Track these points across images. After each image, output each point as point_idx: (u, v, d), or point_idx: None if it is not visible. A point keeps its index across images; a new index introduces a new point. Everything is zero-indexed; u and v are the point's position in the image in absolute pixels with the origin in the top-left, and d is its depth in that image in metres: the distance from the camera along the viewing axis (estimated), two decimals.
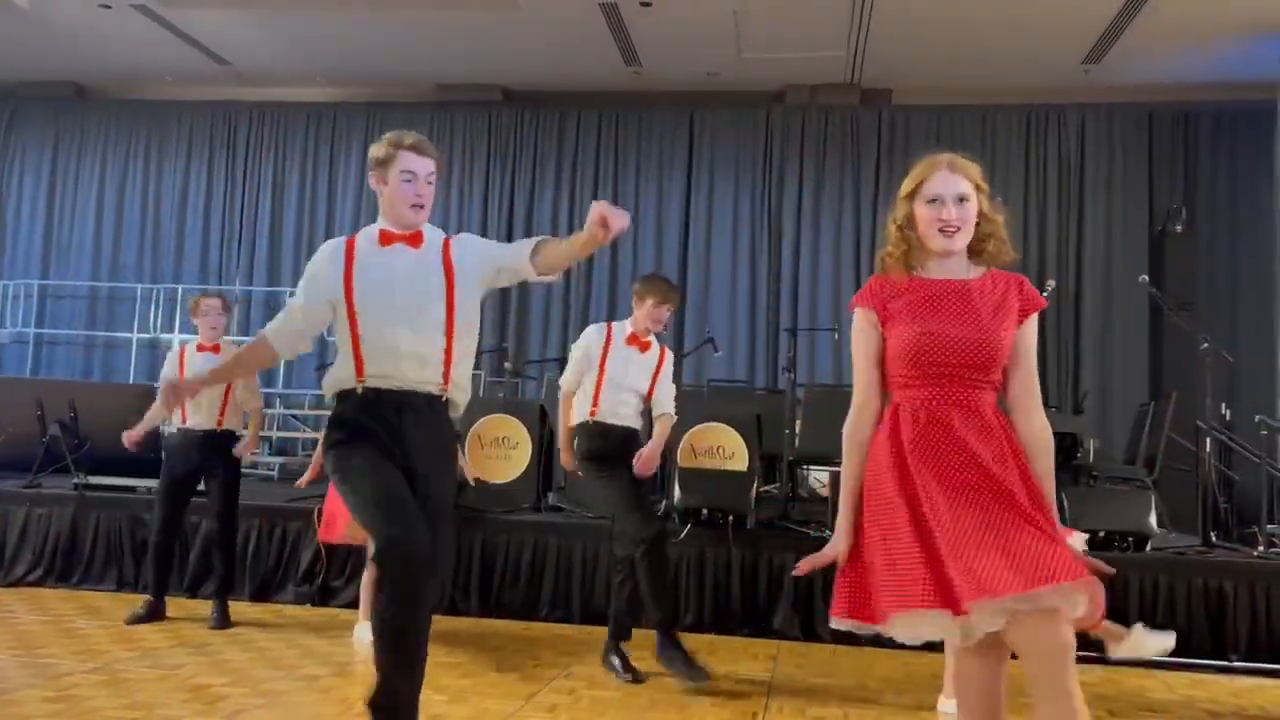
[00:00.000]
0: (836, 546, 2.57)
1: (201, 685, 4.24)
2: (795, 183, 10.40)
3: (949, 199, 2.46)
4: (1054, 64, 9.44)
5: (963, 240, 2.49)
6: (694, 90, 10.51)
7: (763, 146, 10.50)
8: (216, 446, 5.49)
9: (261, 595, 6.14)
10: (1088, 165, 9.97)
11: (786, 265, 10.29)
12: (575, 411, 4.84)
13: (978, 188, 2.50)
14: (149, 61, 10.65)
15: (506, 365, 8.98)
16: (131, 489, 6.59)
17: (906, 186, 2.55)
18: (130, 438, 5.42)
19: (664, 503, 6.35)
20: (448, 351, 3.02)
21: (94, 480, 6.60)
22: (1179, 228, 9.18)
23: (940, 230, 2.46)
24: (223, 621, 5.40)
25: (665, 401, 4.90)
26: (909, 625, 2.37)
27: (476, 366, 10.93)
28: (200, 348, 5.64)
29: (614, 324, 4.90)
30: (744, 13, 8.66)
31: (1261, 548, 5.91)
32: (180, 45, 10.08)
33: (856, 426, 2.57)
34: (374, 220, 3.19)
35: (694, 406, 7.15)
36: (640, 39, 9.38)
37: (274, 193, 11.20)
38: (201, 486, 5.60)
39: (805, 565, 2.62)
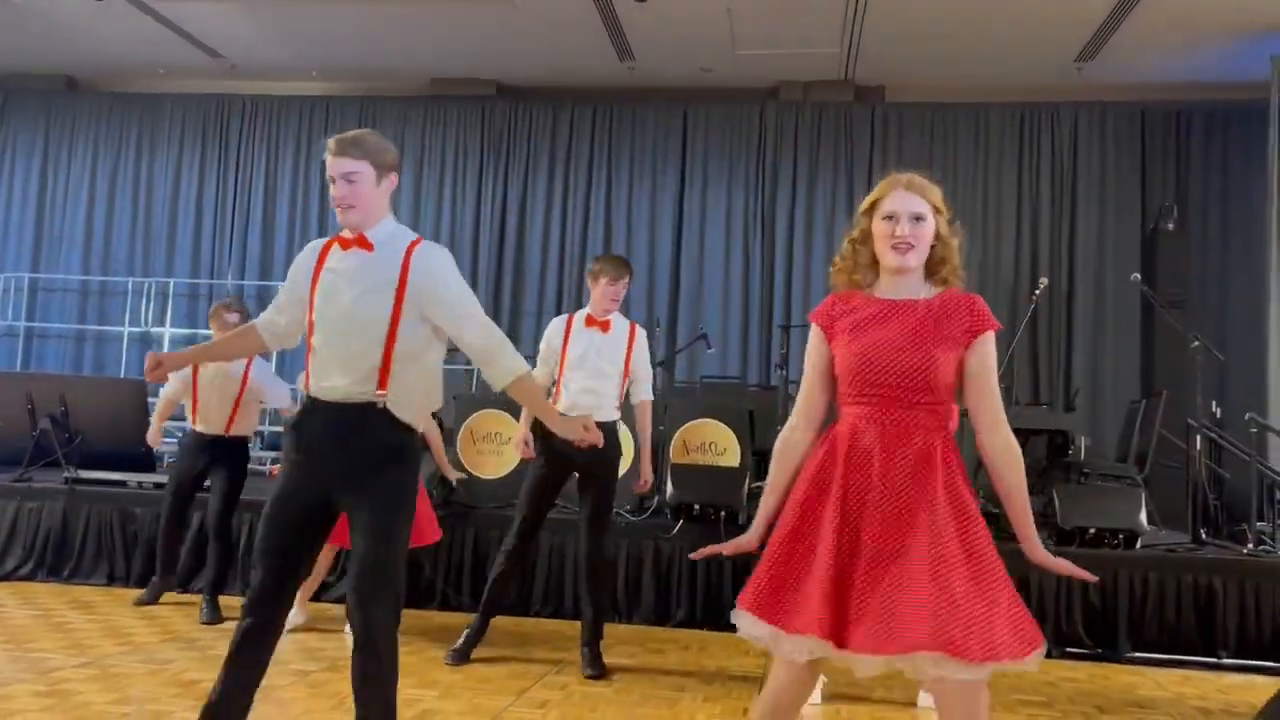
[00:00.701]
0: (741, 543, 2.62)
1: (192, 680, 4.23)
2: (789, 179, 10.40)
3: (904, 216, 2.47)
4: (1047, 62, 9.45)
5: (915, 259, 2.49)
6: (688, 86, 10.50)
7: (756, 143, 10.50)
8: (223, 450, 5.62)
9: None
10: (1080, 163, 9.99)
11: (779, 261, 10.30)
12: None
13: (936, 209, 2.52)
14: (141, 54, 10.61)
15: None
16: (122, 483, 6.57)
17: (865, 203, 2.58)
18: (151, 438, 5.85)
19: (656, 498, 6.36)
20: (386, 360, 2.88)
21: (84, 474, 6.59)
22: (1171, 226, 9.20)
23: (893, 247, 2.47)
24: (213, 616, 5.41)
25: (642, 381, 4.87)
26: (794, 644, 2.36)
27: (469, 362, 10.86)
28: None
29: (574, 313, 4.90)
30: (738, 9, 8.66)
31: (1251, 545, 5.93)
32: (173, 38, 10.04)
33: (784, 438, 2.61)
34: None
35: (687, 402, 7.16)
36: (634, 34, 9.38)
37: (266, 187, 11.17)
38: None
39: (705, 551, 2.67)
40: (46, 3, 9.33)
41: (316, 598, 6.03)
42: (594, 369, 4.72)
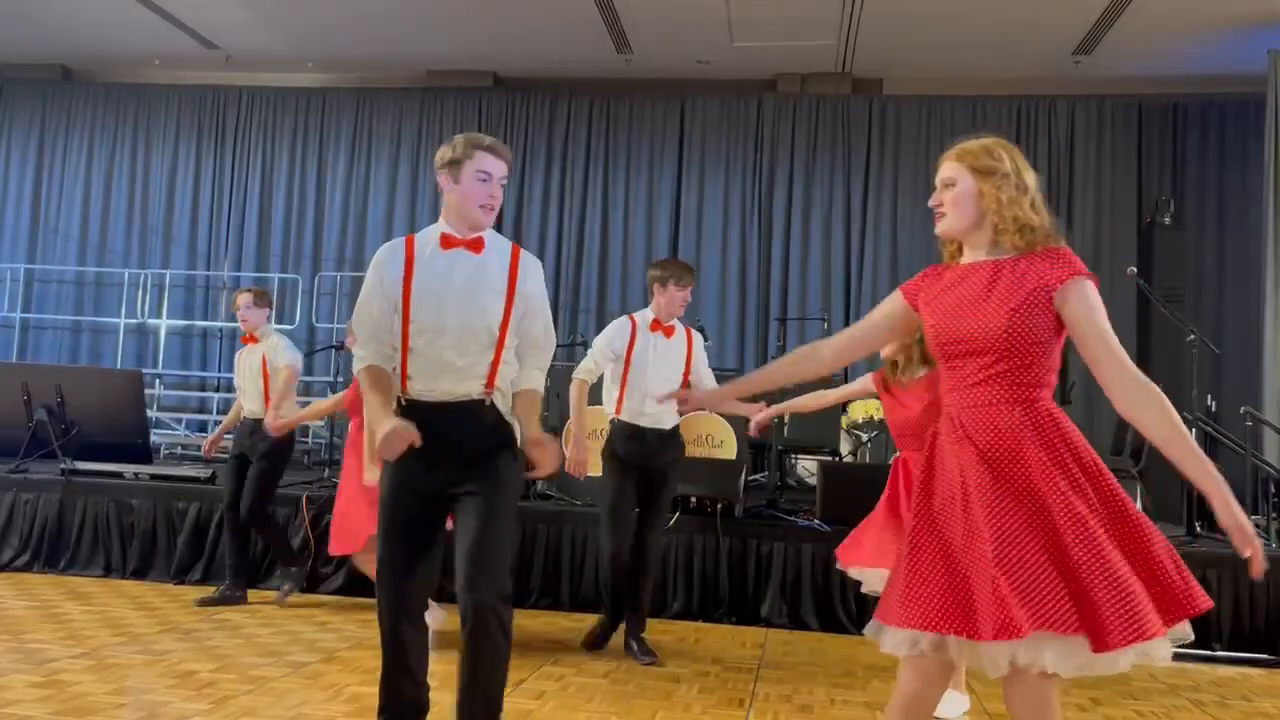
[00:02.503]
0: (701, 399, 2.89)
1: (189, 671, 4.24)
2: (786, 171, 10.40)
3: (939, 185, 2.44)
4: (1044, 55, 9.45)
5: (949, 224, 2.41)
6: (685, 78, 10.49)
7: (753, 135, 10.49)
8: (260, 435, 5.62)
9: (250, 582, 6.14)
10: (1077, 156, 9.99)
11: (777, 254, 10.30)
12: (603, 408, 4.80)
13: (980, 171, 2.37)
14: (138, 45, 10.58)
15: None
16: (118, 475, 6.58)
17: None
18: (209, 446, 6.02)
19: None
20: (494, 364, 2.95)
21: (81, 465, 6.59)
22: (1167, 220, 9.20)
23: (935, 216, 2.43)
24: (235, 594, 5.64)
25: (706, 381, 4.83)
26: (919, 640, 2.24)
27: None
28: (244, 340, 5.93)
29: (635, 315, 4.77)
30: (736, 1, 8.65)
31: None
32: (169, 29, 10.01)
33: (808, 346, 2.66)
34: (362, 207, 3.18)
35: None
36: (632, 26, 9.36)
37: (263, 178, 11.15)
38: None
39: (672, 394, 2.89)
40: None
41: (313, 589, 6.05)
42: (656, 376, 4.63)
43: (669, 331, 4.72)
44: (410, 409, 2.94)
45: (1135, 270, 7.52)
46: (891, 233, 10.07)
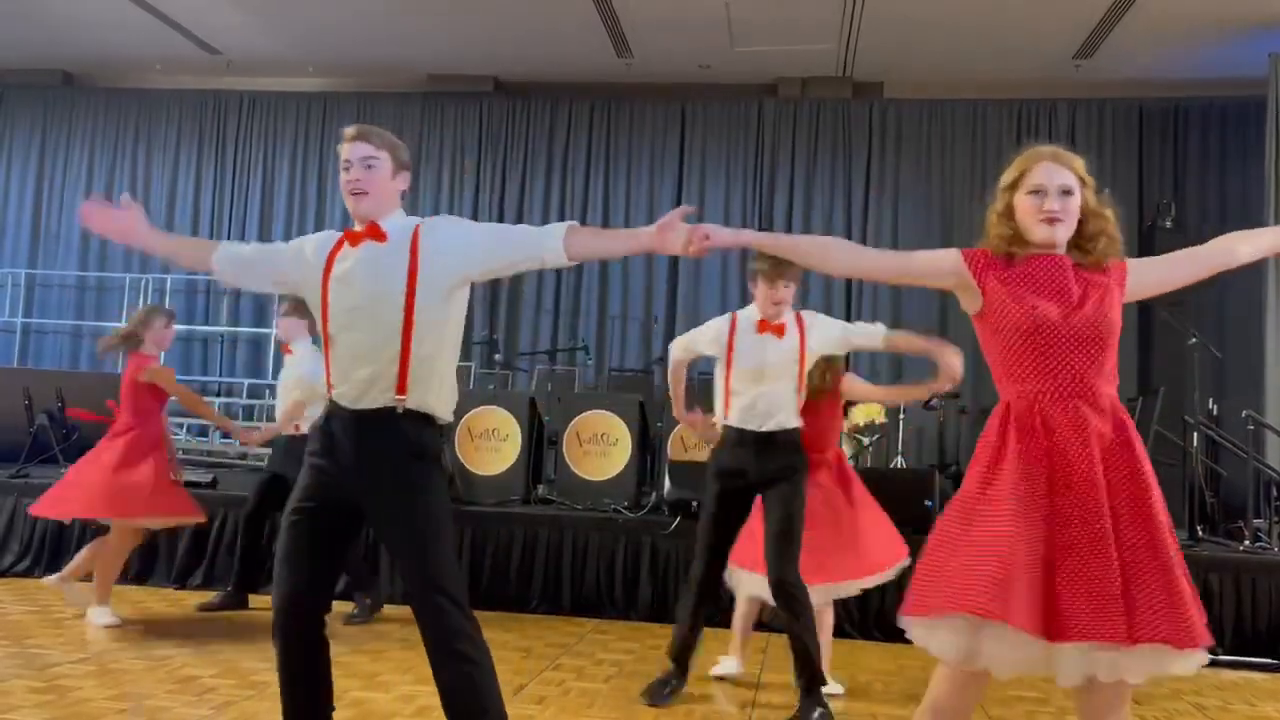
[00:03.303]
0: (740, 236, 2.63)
1: (190, 676, 4.23)
2: (787, 176, 10.40)
3: (1052, 190, 2.37)
4: (1045, 59, 9.46)
5: (1064, 232, 2.39)
6: (686, 82, 10.49)
7: (754, 139, 10.49)
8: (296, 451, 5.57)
9: (252, 588, 6.13)
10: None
11: None
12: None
13: (1082, 181, 2.41)
14: (138, 50, 10.59)
15: (497, 357, 8.97)
16: None
17: (1008, 177, 2.46)
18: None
19: (654, 495, 6.36)
20: (404, 359, 2.71)
21: None
22: (1168, 223, 9.20)
23: (1044, 220, 2.37)
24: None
25: (851, 337, 4.18)
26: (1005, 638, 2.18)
27: (467, 358, 10.84)
28: (282, 350, 5.89)
29: (738, 312, 4.28)
30: (736, 5, 8.65)
31: (1248, 542, 5.95)
32: (170, 34, 10.02)
33: (855, 244, 2.73)
34: None
35: (685, 399, 7.16)
36: (632, 30, 9.37)
37: (264, 183, 11.16)
38: None
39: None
40: None
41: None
42: (765, 376, 4.09)
43: (779, 330, 4.11)
44: (329, 412, 2.81)
45: None
46: (892, 236, 10.06)
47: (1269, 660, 5.42)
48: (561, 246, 2.70)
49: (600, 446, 6.63)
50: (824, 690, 4.01)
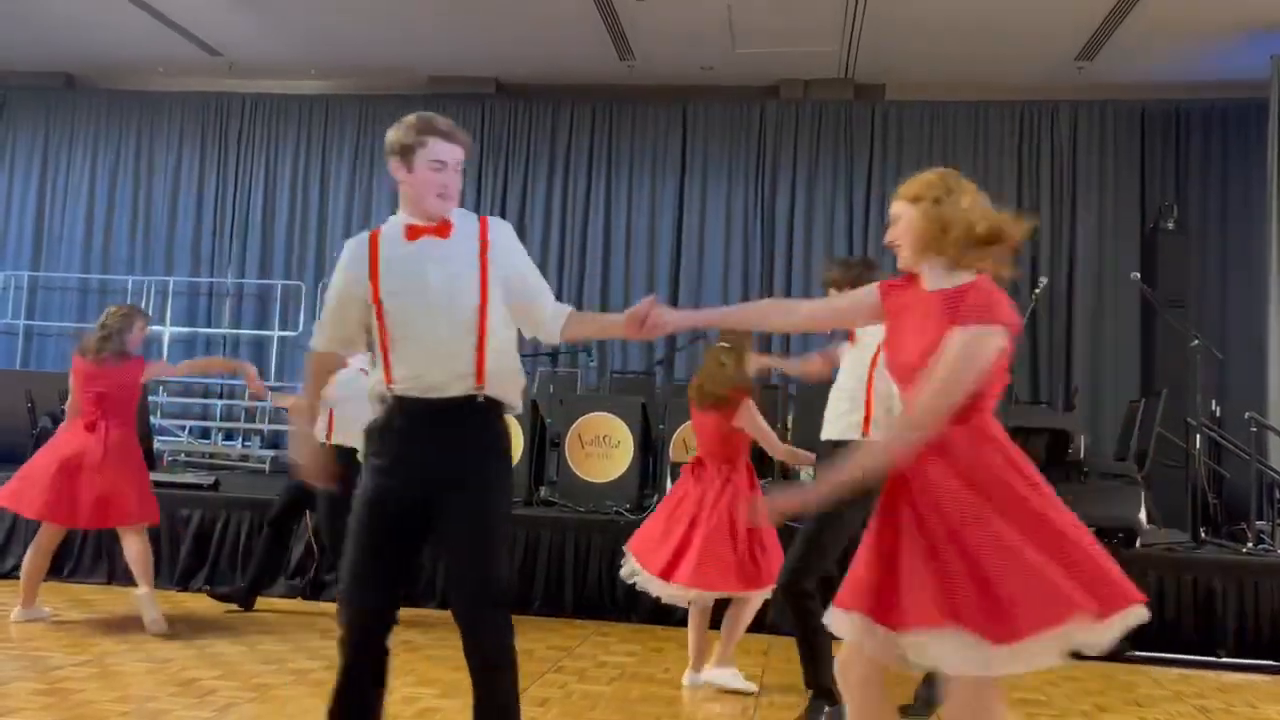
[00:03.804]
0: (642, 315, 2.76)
1: (192, 679, 4.24)
2: (789, 178, 10.39)
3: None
4: (1047, 61, 9.45)
5: (904, 256, 2.58)
6: (688, 84, 10.49)
7: (756, 141, 10.49)
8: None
9: (253, 588, 6.14)
10: (1080, 162, 9.98)
11: (779, 261, 10.28)
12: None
13: (916, 199, 2.56)
14: (140, 52, 10.59)
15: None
16: None
17: None
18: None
19: (656, 497, 6.35)
20: (480, 348, 2.72)
21: None
22: (1170, 225, 9.19)
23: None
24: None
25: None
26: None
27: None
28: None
29: None
30: (738, 7, 8.65)
31: (1250, 544, 5.94)
32: (172, 36, 10.03)
33: (788, 300, 2.93)
34: (365, 213, 3.12)
35: (685, 402, 7.17)
36: (634, 32, 9.37)
37: (266, 185, 11.16)
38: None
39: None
40: (47, 0, 9.32)
41: (315, 596, 6.04)
42: (842, 386, 4.13)
43: (852, 338, 4.19)
44: (395, 407, 2.77)
45: (1139, 275, 7.52)
46: None
47: (1272, 662, 5.42)
48: (558, 329, 2.87)
49: (602, 448, 6.63)
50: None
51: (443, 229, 2.80)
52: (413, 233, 2.80)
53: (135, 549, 5.09)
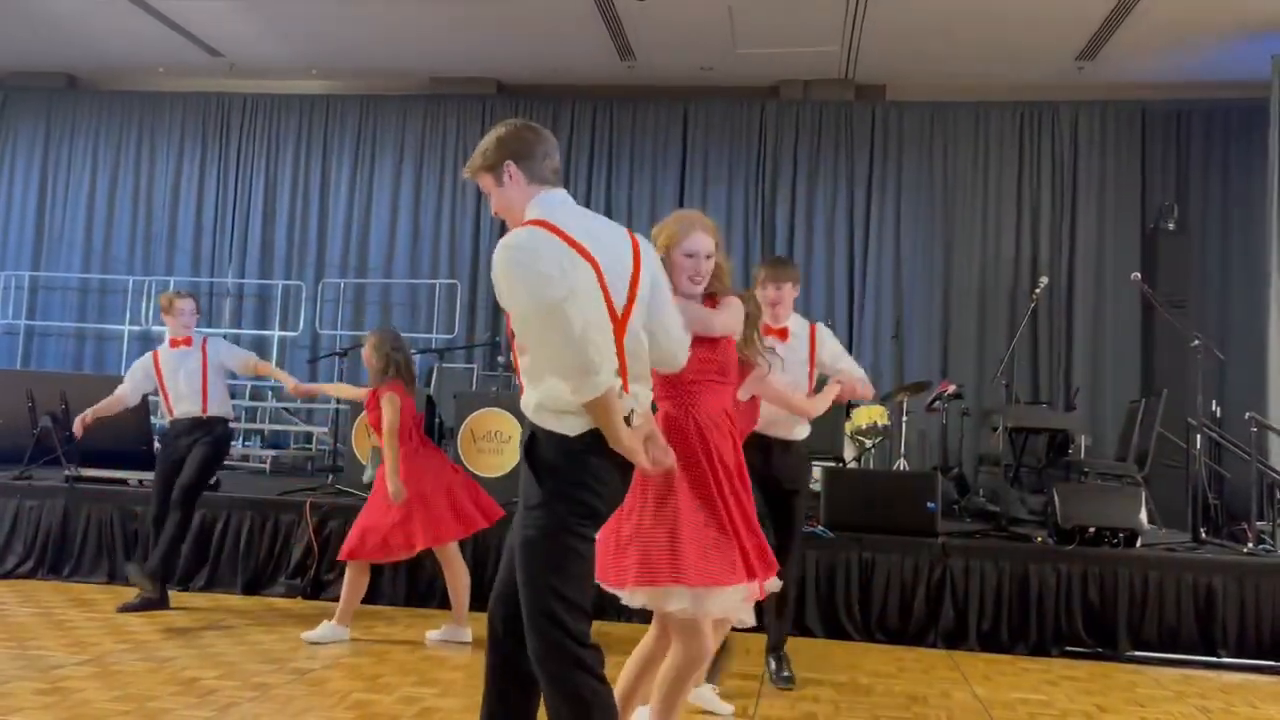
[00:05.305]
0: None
1: (193, 678, 4.24)
2: (789, 178, 10.38)
3: (705, 255, 3.11)
4: (1048, 61, 9.45)
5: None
6: (688, 85, 10.49)
7: (757, 142, 10.48)
8: (204, 430, 5.70)
9: (253, 588, 6.15)
10: (1080, 162, 9.97)
11: None
12: None
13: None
14: (141, 52, 10.60)
15: (500, 359, 8.98)
16: (123, 481, 6.58)
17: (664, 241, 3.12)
18: (77, 427, 5.77)
19: None
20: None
21: (85, 472, 6.59)
22: (1171, 225, 9.19)
23: (690, 279, 3.10)
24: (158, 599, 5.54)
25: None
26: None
27: (469, 360, 10.77)
28: (174, 342, 5.85)
29: None
30: (738, 8, 8.65)
31: (1251, 544, 5.94)
32: (173, 36, 10.03)
33: None
34: (366, 213, 3.10)
35: None
36: (634, 33, 9.37)
37: (267, 185, 11.16)
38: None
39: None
40: (48, 0, 9.33)
41: (316, 596, 6.05)
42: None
43: (782, 334, 4.37)
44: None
45: (1139, 276, 7.51)
46: (895, 239, 10.05)
47: (1272, 662, 5.42)
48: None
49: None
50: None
51: None
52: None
53: None
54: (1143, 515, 5.85)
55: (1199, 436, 6.52)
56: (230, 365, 5.95)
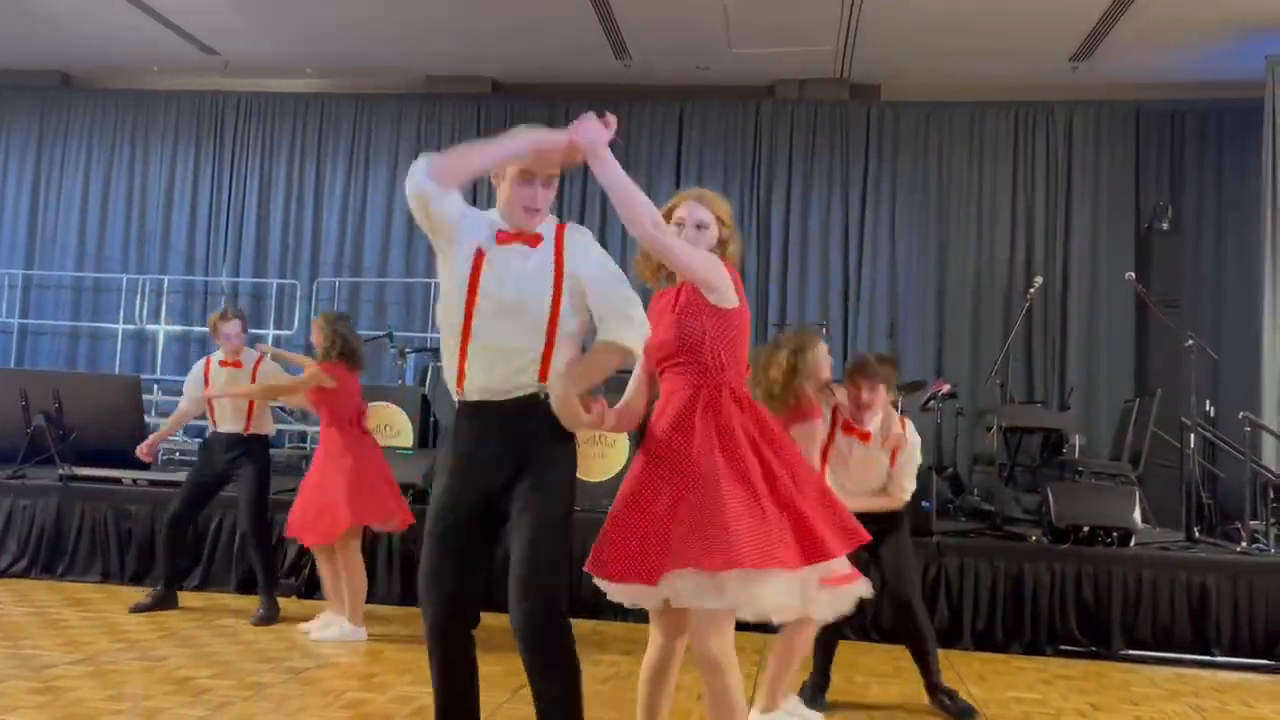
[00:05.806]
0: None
1: (187, 677, 4.23)
2: (784, 177, 10.39)
3: (696, 225, 3.08)
4: (1042, 61, 9.46)
5: None
6: (684, 84, 10.49)
7: (752, 141, 10.48)
8: (245, 449, 5.62)
9: (247, 588, 6.14)
10: (1075, 162, 9.99)
11: (775, 260, 10.29)
12: None
13: (722, 221, 3.08)
14: (136, 51, 10.57)
15: None
16: (116, 480, 6.57)
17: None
18: (145, 450, 5.71)
19: None
20: (546, 353, 2.82)
21: (79, 471, 6.58)
22: (1165, 225, 9.21)
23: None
24: (269, 615, 5.43)
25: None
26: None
27: None
28: (223, 363, 5.82)
29: None
30: (734, 7, 8.66)
31: (1244, 543, 5.96)
32: (167, 34, 10.01)
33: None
34: (360, 212, 3.13)
35: None
36: (630, 32, 9.37)
37: (261, 184, 11.14)
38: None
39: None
40: None
41: (310, 595, 6.04)
42: None
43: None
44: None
45: (1133, 275, 7.54)
46: (889, 238, 10.06)
47: (1266, 661, 5.43)
48: (641, 340, 2.92)
49: (598, 448, 6.63)
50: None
51: (533, 239, 2.95)
52: (503, 239, 2.91)
53: None
54: (1137, 515, 5.86)
55: (1193, 436, 6.54)
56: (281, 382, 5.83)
